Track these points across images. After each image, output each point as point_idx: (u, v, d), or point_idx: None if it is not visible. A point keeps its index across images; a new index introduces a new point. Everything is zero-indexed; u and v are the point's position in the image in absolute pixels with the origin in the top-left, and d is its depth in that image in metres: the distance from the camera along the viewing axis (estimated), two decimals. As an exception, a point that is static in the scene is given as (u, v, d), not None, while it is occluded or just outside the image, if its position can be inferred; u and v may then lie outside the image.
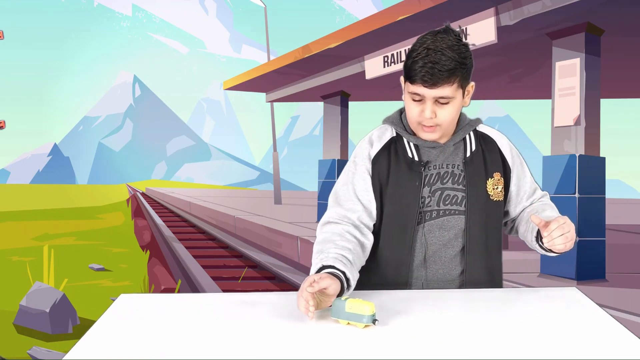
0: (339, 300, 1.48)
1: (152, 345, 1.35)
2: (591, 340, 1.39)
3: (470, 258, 1.84)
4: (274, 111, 20.10)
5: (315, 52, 10.07)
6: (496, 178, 1.86)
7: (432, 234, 1.83)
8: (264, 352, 1.31)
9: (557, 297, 1.78)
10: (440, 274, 1.85)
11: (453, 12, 7.39)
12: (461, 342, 1.36)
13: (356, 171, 1.85)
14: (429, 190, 1.82)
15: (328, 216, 1.83)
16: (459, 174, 1.84)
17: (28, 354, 5.04)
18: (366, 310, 1.42)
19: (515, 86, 11.02)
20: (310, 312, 1.46)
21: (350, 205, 1.82)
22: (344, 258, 1.67)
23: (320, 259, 1.67)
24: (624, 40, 7.37)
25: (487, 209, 1.85)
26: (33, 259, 9.75)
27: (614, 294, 5.83)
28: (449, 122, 1.78)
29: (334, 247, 1.70)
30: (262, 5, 20.32)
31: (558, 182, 6.57)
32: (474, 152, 1.87)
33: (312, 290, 1.48)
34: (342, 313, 1.45)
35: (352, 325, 1.44)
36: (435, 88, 1.72)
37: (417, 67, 1.72)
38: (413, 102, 1.77)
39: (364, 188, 1.84)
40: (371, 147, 1.87)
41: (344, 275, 1.61)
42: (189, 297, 1.81)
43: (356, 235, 1.78)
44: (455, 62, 1.72)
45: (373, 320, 1.42)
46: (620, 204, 23.61)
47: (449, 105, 1.76)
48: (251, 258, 10.15)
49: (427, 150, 1.85)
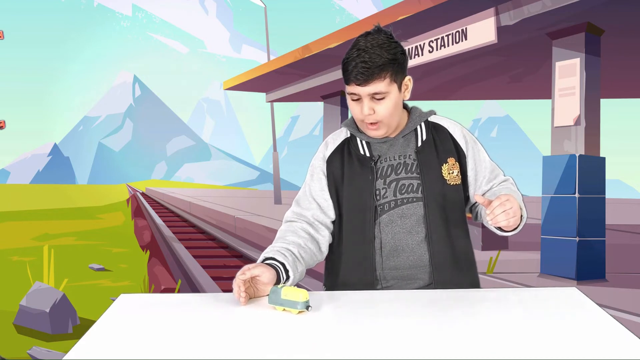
0: (275, 288, 1.57)
1: (152, 345, 1.35)
2: (591, 340, 1.39)
3: (434, 242, 1.88)
4: (274, 111, 20.10)
5: (315, 52, 10.07)
6: (450, 163, 1.92)
7: (394, 223, 1.89)
8: (264, 352, 1.31)
9: (557, 297, 1.78)
10: (411, 261, 1.89)
11: (453, 12, 7.39)
12: (461, 342, 1.36)
13: (313, 173, 1.98)
14: (383, 182, 1.90)
15: (286, 216, 1.99)
16: (411, 163, 1.91)
17: (28, 354, 5.04)
18: (300, 297, 1.51)
19: (515, 86, 11.02)
20: (242, 297, 1.59)
21: (305, 205, 1.96)
22: (287, 251, 1.81)
23: (265, 252, 1.81)
24: (624, 40, 7.37)
25: (444, 193, 1.90)
26: (33, 259, 9.74)
27: (614, 294, 5.83)
28: (388, 117, 1.86)
29: (281, 242, 1.86)
30: (262, 5, 20.32)
31: (558, 182, 6.57)
32: (425, 141, 1.94)
33: (243, 278, 1.62)
34: (278, 300, 1.55)
35: (287, 311, 1.53)
36: (367, 85, 1.81)
37: (350, 67, 1.82)
38: (353, 102, 1.87)
39: (319, 188, 1.96)
40: (326, 149, 1.99)
41: (282, 265, 1.75)
42: (189, 297, 1.81)
43: (309, 231, 1.91)
44: (384, 59, 1.81)
45: (307, 307, 1.51)
46: (620, 204, 23.61)
47: (385, 100, 1.84)
48: (251, 258, 10.15)
49: (378, 145, 1.94)
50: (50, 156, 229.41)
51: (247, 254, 10.53)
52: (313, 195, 1.96)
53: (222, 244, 12.56)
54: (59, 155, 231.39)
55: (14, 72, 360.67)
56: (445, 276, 1.89)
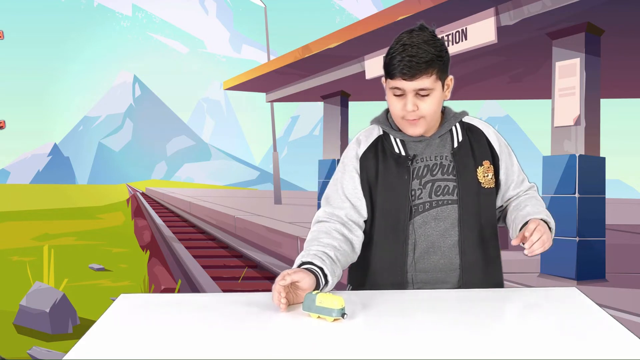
0: (309, 294, 1.51)
1: (152, 345, 1.35)
2: (591, 340, 1.39)
3: (466, 246, 1.86)
4: (274, 111, 20.10)
5: (315, 52, 10.07)
6: (485, 166, 1.89)
7: (427, 225, 1.85)
8: (264, 352, 1.31)
9: (557, 297, 1.78)
10: (442, 264, 1.86)
11: (453, 12, 7.39)
12: (461, 342, 1.36)
13: (344, 171, 1.90)
14: (419, 182, 1.85)
15: (317, 215, 1.89)
16: (447, 164, 1.87)
17: (28, 354, 5.04)
18: (335, 304, 1.45)
19: (515, 86, 11.02)
20: (282, 304, 1.52)
21: (338, 204, 1.87)
22: (324, 254, 1.72)
23: (301, 256, 1.72)
24: (624, 40, 7.37)
25: (480, 196, 1.88)
26: (33, 259, 9.75)
27: (614, 294, 5.83)
28: (431, 115, 1.82)
29: (316, 245, 1.76)
30: (262, 5, 20.33)
31: (558, 182, 6.57)
32: (461, 142, 1.90)
33: (283, 284, 1.54)
34: (312, 307, 1.49)
35: (322, 318, 1.47)
36: (414, 80, 1.77)
37: (396, 61, 1.78)
38: (395, 98, 1.82)
39: (352, 187, 1.88)
40: (358, 146, 1.91)
41: (321, 270, 1.66)
42: (189, 297, 1.81)
43: (343, 232, 1.82)
44: (431, 54, 1.77)
45: (342, 314, 1.46)
46: (620, 204, 23.60)
47: (429, 97, 1.80)
48: (251, 258, 10.15)
49: (414, 144, 1.89)
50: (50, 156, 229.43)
51: (247, 254, 10.53)
52: (346, 193, 1.88)
53: (222, 244, 12.56)
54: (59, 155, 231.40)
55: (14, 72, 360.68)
56: (474, 280, 1.86)
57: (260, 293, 1.85)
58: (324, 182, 12.43)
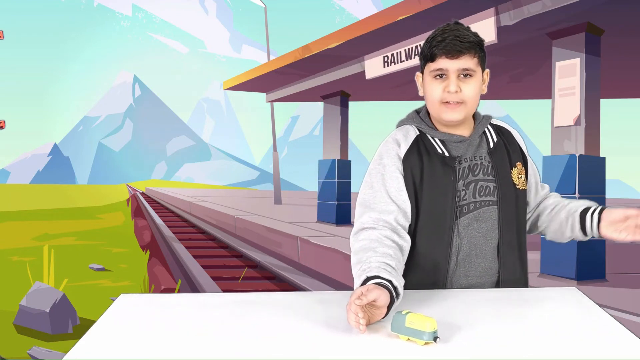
0: (399, 314, 1.39)
1: (152, 345, 1.35)
2: (591, 340, 1.39)
3: (505, 249, 1.84)
4: (274, 111, 20.11)
5: (315, 52, 10.06)
6: (519, 167, 1.89)
7: (470, 226, 1.81)
8: (264, 353, 1.31)
9: (557, 297, 1.78)
10: (482, 268, 1.83)
11: (453, 12, 7.38)
12: (461, 342, 1.36)
13: (386, 172, 1.79)
14: (463, 183, 1.81)
15: (362, 222, 1.74)
16: (487, 164, 1.84)
17: (28, 354, 5.04)
18: (427, 327, 1.34)
19: (515, 86, 11.01)
20: (362, 325, 1.38)
21: (384, 207, 1.75)
22: (388, 266, 1.59)
23: (363, 270, 1.58)
24: (624, 40, 7.37)
25: (516, 198, 1.86)
26: (33, 259, 9.75)
27: (614, 294, 5.83)
28: (471, 101, 1.79)
29: (375, 255, 1.62)
30: (262, 5, 20.32)
31: (558, 182, 6.57)
32: (496, 143, 1.88)
33: (360, 303, 1.40)
34: (402, 328, 1.37)
35: (412, 341, 1.35)
36: (459, 59, 1.75)
37: (437, 42, 1.75)
38: (435, 82, 1.78)
39: (396, 188, 1.77)
40: (399, 147, 1.82)
41: (391, 284, 1.53)
42: (189, 297, 1.81)
43: (394, 239, 1.70)
44: (474, 38, 1.77)
45: (434, 338, 1.34)
46: (620, 204, 23.60)
47: (472, 79, 1.77)
48: (251, 258, 10.15)
49: (454, 145, 1.84)
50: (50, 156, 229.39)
51: (247, 254, 10.53)
52: (391, 196, 1.76)
53: (222, 244, 12.57)
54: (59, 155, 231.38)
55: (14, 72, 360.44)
56: (509, 285, 1.85)
57: (261, 293, 1.85)
58: (324, 182, 12.42)
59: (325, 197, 12.36)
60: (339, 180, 12.02)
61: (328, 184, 12.24)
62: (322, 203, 12.53)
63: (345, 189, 12.11)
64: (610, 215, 1.79)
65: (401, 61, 8.69)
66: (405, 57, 8.64)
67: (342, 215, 12.03)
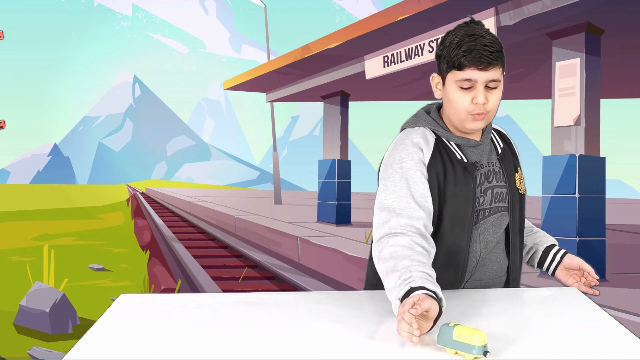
0: (446, 326, 1.32)
1: (152, 345, 1.35)
2: (591, 340, 1.39)
3: (513, 252, 1.87)
4: (274, 111, 20.12)
5: (315, 52, 10.06)
6: (520, 172, 1.91)
7: (487, 232, 1.82)
8: (264, 353, 1.31)
9: (557, 297, 1.78)
10: (494, 271, 1.86)
11: (453, 12, 7.38)
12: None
13: (410, 177, 1.73)
14: (481, 190, 1.81)
15: (389, 227, 1.67)
16: (498, 170, 1.85)
17: (28, 354, 5.04)
18: (477, 341, 1.27)
19: (515, 86, 11.01)
20: (415, 336, 1.30)
21: (411, 213, 1.69)
22: (429, 277, 1.52)
23: (404, 280, 1.49)
24: (624, 40, 7.37)
25: (520, 203, 1.89)
26: (33, 259, 9.76)
27: (614, 294, 5.83)
28: (494, 110, 1.76)
29: (413, 264, 1.54)
30: (262, 5, 20.32)
31: (558, 182, 6.57)
32: (503, 148, 1.89)
33: (416, 312, 1.33)
34: (450, 341, 1.31)
35: (460, 355, 1.29)
36: (489, 70, 1.69)
37: (466, 51, 1.69)
38: (461, 91, 1.72)
39: (421, 193, 1.73)
40: (422, 152, 1.77)
41: (435, 294, 1.45)
42: (189, 297, 1.81)
43: (424, 245, 1.65)
44: (499, 45, 1.73)
45: (484, 352, 1.28)
46: (620, 204, 23.61)
47: (497, 89, 1.73)
48: (251, 258, 10.15)
49: (470, 150, 1.81)
50: (50, 156, 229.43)
51: (247, 254, 10.53)
52: (417, 201, 1.71)
53: (222, 244, 12.56)
54: (59, 155, 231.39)
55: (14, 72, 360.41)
56: (515, 285, 1.90)
57: (260, 293, 1.85)
58: (324, 182, 12.42)
59: (325, 197, 12.36)
60: (339, 180, 12.02)
61: (328, 184, 12.24)
62: (322, 203, 12.54)
63: (345, 189, 12.11)
64: (570, 261, 1.91)
65: (401, 61, 8.69)
66: (405, 57, 8.64)
67: (342, 215, 12.03)
